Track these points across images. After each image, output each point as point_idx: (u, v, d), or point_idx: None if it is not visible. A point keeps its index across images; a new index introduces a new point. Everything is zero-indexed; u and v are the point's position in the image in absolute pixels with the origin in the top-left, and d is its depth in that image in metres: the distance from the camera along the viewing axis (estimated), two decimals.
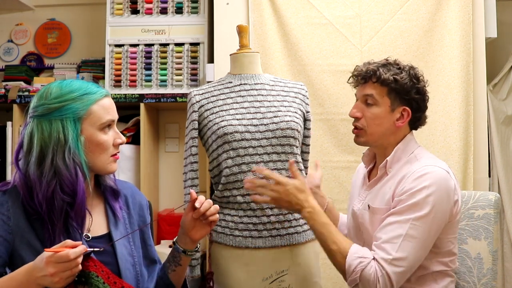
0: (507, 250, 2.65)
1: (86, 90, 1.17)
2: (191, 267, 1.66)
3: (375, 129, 1.45)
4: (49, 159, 1.12)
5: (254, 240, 1.57)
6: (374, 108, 1.44)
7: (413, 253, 1.30)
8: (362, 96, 1.47)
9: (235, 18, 2.46)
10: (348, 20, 2.46)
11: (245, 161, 1.57)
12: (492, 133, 2.66)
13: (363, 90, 1.47)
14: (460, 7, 2.39)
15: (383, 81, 1.42)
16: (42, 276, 0.99)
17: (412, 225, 1.30)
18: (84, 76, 2.78)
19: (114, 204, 1.25)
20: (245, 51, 1.71)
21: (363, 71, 1.46)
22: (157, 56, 2.65)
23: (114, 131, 1.21)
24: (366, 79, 1.45)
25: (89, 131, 1.16)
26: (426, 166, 1.36)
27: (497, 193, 1.92)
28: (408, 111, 1.44)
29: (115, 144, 1.20)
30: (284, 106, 1.65)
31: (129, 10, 2.67)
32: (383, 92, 1.43)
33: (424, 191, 1.31)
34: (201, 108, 1.64)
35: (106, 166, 1.20)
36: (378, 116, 1.44)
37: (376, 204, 1.43)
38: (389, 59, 1.49)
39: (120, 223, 1.25)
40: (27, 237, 1.12)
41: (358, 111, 1.47)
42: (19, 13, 3.07)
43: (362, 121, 1.46)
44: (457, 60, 2.39)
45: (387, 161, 1.44)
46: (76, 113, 1.14)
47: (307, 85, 1.96)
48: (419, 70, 1.49)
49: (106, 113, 1.18)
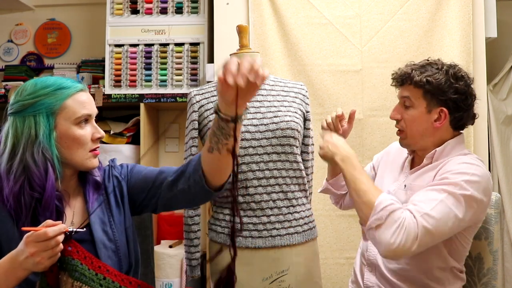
0: (507, 250, 2.65)
1: (60, 85, 1.16)
2: (191, 267, 1.66)
3: (414, 131, 1.45)
4: (19, 155, 1.12)
5: (254, 240, 1.57)
6: (411, 110, 1.44)
7: (443, 220, 1.27)
8: (400, 98, 1.48)
9: (235, 18, 2.46)
10: (348, 20, 2.46)
11: (245, 161, 1.56)
12: (492, 133, 2.66)
13: (400, 92, 1.48)
14: (460, 7, 2.39)
15: (416, 83, 1.41)
16: (24, 258, 0.98)
17: (449, 196, 1.29)
18: (84, 76, 2.78)
19: (91, 195, 1.23)
20: (245, 51, 1.71)
21: (398, 74, 1.47)
22: (157, 56, 2.65)
23: (92, 125, 1.19)
24: (403, 82, 1.46)
25: (64, 126, 1.15)
26: (476, 159, 1.38)
27: (497, 193, 1.92)
28: (445, 111, 1.41)
29: (93, 139, 1.19)
30: (284, 106, 1.65)
31: (129, 10, 2.67)
32: (419, 94, 1.42)
33: (468, 176, 1.31)
34: (201, 108, 1.64)
35: (85, 161, 1.18)
36: (416, 117, 1.44)
37: (412, 185, 1.44)
38: (431, 59, 1.49)
39: (97, 210, 1.22)
40: (11, 232, 1.11)
41: (397, 113, 1.48)
42: (19, 13, 3.08)
43: (402, 123, 1.47)
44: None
45: (436, 151, 1.43)
46: (49, 108, 1.14)
47: (307, 85, 1.96)
48: (462, 69, 1.47)
49: (82, 107, 1.16)
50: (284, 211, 1.59)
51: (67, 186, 1.21)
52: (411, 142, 1.47)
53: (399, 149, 1.58)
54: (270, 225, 1.57)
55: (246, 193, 1.56)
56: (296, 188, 1.62)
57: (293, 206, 1.61)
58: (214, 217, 1.65)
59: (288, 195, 1.60)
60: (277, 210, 1.58)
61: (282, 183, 1.59)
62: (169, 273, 2.48)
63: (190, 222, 1.64)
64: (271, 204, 1.58)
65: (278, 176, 1.59)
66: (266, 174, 1.58)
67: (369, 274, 1.50)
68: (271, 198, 1.58)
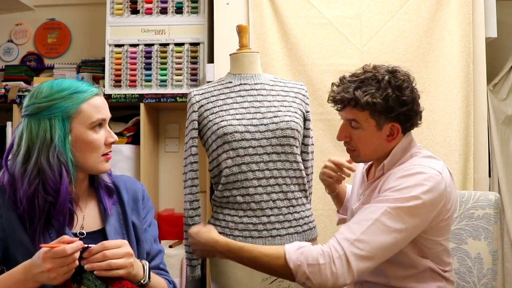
0: (507, 250, 2.65)
1: (76, 88, 1.16)
2: (191, 267, 1.66)
3: (366, 149, 1.37)
4: (34, 158, 1.12)
5: (254, 240, 1.57)
6: (360, 131, 1.35)
7: (379, 241, 1.18)
8: (345, 120, 1.39)
9: (235, 18, 2.46)
10: (348, 20, 2.46)
11: (245, 161, 1.57)
12: (492, 133, 2.66)
13: (344, 115, 1.38)
14: (460, 7, 2.39)
15: (362, 106, 1.30)
16: (40, 272, 0.99)
17: (386, 212, 1.20)
18: (84, 76, 2.78)
19: (106, 200, 1.24)
20: (245, 51, 1.71)
21: (337, 98, 1.36)
22: (157, 56, 2.65)
23: (105, 130, 1.20)
24: (344, 106, 1.35)
25: (79, 130, 1.15)
26: (415, 166, 1.28)
27: (497, 193, 1.92)
28: (397, 126, 1.33)
29: (106, 143, 1.19)
30: (284, 106, 1.65)
31: (129, 10, 2.67)
32: (365, 115, 1.32)
33: (406, 190, 1.22)
34: (201, 108, 1.64)
35: (97, 165, 1.19)
36: (366, 137, 1.35)
37: (366, 199, 1.39)
38: (367, 69, 1.37)
39: (112, 218, 1.23)
40: (19, 235, 1.12)
41: (345, 136, 1.39)
42: (19, 13, 3.08)
43: (353, 143, 1.38)
44: (457, 60, 2.39)
45: (384, 164, 1.37)
46: (65, 112, 1.14)
47: (307, 85, 1.96)
48: (401, 73, 1.35)
49: (97, 112, 1.17)
50: (284, 211, 1.59)
51: (78, 189, 1.21)
52: (365, 159, 1.41)
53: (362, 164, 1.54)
54: (270, 225, 1.57)
55: (246, 193, 1.56)
56: (296, 188, 1.62)
57: (293, 206, 1.61)
58: (214, 217, 1.65)
59: (288, 195, 1.60)
60: (277, 210, 1.58)
61: (282, 183, 1.59)
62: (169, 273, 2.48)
63: (190, 222, 1.64)
64: (271, 204, 1.58)
65: (278, 176, 1.59)
66: (266, 174, 1.58)
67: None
68: (271, 198, 1.58)
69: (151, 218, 1.35)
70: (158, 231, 1.38)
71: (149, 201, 1.35)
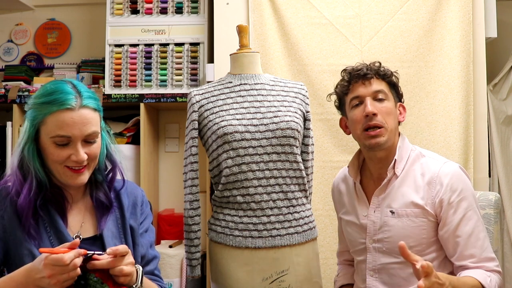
0: (507, 250, 2.65)
1: (51, 98, 1.13)
2: (191, 267, 1.66)
3: (392, 123, 1.41)
4: (13, 159, 1.17)
5: (254, 240, 1.57)
6: (386, 103, 1.41)
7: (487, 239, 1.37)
8: (371, 93, 1.42)
9: (235, 18, 2.46)
10: (348, 20, 2.46)
11: (245, 161, 1.57)
12: (492, 133, 2.66)
13: (370, 86, 1.42)
14: (460, 7, 2.39)
15: (388, 77, 1.44)
16: (40, 277, 0.99)
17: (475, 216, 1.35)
18: (84, 76, 2.78)
19: (99, 216, 1.23)
20: (245, 51, 1.71)
21: (368, 68, 1.44)
22: (157, 56, 2.65)
23: (72, 148, 1.14)
24: (371, 75, 1.43)
25: (43, 139, 1.15)
26: (448, 163, 1.41)
27: (497, 193, 1.92)
28: (403, 106, 1.47)
29: (71, 160, 1.14)
30: (284, 106, 1.65)
31: (129, 10, 2.67)
32: (388, 88, 1.44)
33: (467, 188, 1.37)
34: (201, 108, 1.64)
35: (62, 177, 1.17)
36: (392, 110, 1.42)
37: (398, 206, 1.40)
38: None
39: (109, 223, 1.23)
40: (19, 235, 1.12)
41: (374, 109, 1.39)
42: (19, 13, 3.07)
43: (379, 118, 1.39)
44: (457, 60, 2.39)
45: (395, 160, 1.41)
46: (35, 119, 1.14)
47: (307, 85, 1.96)
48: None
49: (58, 128, 1.12)
50: (284, 211, 1.59)
51: (74, 195, 1.22)
52: (390, 137, 1.41)
53: (341, 184, 1.61)
54: (270, 225, 1.57)
55: (246, 193, 1.56)
56: (296, 188, 1.62)
57: (293, 206, 1.61)
58: (214, 217, 1.65)
59: (288, 195, 1.60)
60: (277, 210, 1.58)
61: (282, 183, 1.59)
62: (169, 273, 2.48)
63: (190, 222, 1.64)
64: (271, 204, 1.58)
65: (278, 176, 1.59)
66: (266, 174, 1.58)
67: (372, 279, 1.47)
68: (271, 198, 1.58)
69: (148, 224, 1.34)
70: (155, 237, 1.38)
71: (147, 207, 1.35)
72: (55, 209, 1.17)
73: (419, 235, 1.38)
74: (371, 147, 1.42)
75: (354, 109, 1.45)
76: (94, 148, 1.17)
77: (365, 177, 1.53)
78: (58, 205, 1.17)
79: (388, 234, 1.41)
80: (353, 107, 1.46)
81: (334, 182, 1.68)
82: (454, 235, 1.34)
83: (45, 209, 1.16)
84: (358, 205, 1.51)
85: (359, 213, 1.50)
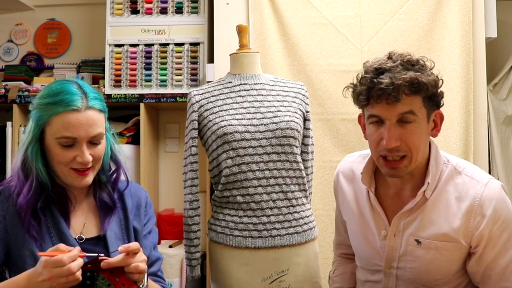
0: None
1: (57, 98, 1.12)
2: (191, 267, 1.66)
3: (419, 150, 1.15)
4: (16, 159, 1.16)
5: (254, 240, 1.57)
6: (413, 126, 1.13)
7: None
8: (396, 115, 1.13)
9: (235, 18, 2.46)
10: (348, 20, 2.46)
11: (245, 161, 1.57)
12: (492, 133, 2.66)
13: (394, 108, 1.12)
14: (460, 7, 2.39)
15: (420, 89, 1.11)
16: (41, 281, 0.99)
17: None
18: (84, 76, 2.78)
19: (103, 216, 1.23)
20: (245, 51, 1.71)
21: (397, 85, 1.09)
22: (157, 56, 2.65)
23: (77, 148, 1.13)
24: (399, 93, 1.10)
25: (48, 140, 1.14)
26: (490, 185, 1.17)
27: None
28: (440, 113, 1.19)
29: (77, 161, 1.14)
30: (284, 106, 1.65)
31: (129, 10, 2.67)
32: (420, 102, 1.13)
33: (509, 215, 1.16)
34: (201, 108, 1.64)
35: (67, 178, 1.17)
36: (420, 133, 1.14)
37: (426, 236, 1.20)
38: (393, 55, 1.20)
39: (113, 224, 1.23)
40: (21, 236, 1.12)
41: (397, 138, 1.13)
42: (19, 13, 3.07)
43: (404, 146, 1.14)
44: (457, 60, 2.39)
45: (428, 184, 1.18)
46: (39, 119, 1.14)
47: (307, 85, 1.96)
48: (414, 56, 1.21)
49: (64, 129, 1.11)
50: (284, 211, 1.59)
51: (77, 195, 1.22)
52: (414, 162, 1.16)
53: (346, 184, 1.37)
54: (270, 225, 1.57)
55: (246, 193, 1.56)
56: (296, 188, 1.62)
57: (293, 206, 1.61)
58: (214, 217, 1.65)
59: (288, 195, 1.60)
60: (277, 210, 1.58)
61: (282, 183, 1.59)
62: (169, 273, 2.48)
63: (190, 222, 1.64)
64: (271, 204, 1.58)
65: (278, 176, 1.59)
66: (266, 174, 1.58)
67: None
68: (271, 198, 1.58)
69: (151, 225, 1.35)
70: (158, 238, 1.38)
71: (151, 208, 1.35)
72: (58, 209, 1.17)
73: (448, 268, 1.20)
74: (389, 176, 1.21)
75: (372, 125, 1.19)
76: (99, 150, 1.18)
77: (381, 185, 1.30)
78: (61, 206, 1.17)
79: (412, 265, 1.23)
80: (371, 123, 1.19)
81: (339, 176, 1.45)
82: (488, 267, 1.18)
83: (48, 209, 1.16)
84: (373, 219, 1.29)
85: (374, 231, 1.28)
